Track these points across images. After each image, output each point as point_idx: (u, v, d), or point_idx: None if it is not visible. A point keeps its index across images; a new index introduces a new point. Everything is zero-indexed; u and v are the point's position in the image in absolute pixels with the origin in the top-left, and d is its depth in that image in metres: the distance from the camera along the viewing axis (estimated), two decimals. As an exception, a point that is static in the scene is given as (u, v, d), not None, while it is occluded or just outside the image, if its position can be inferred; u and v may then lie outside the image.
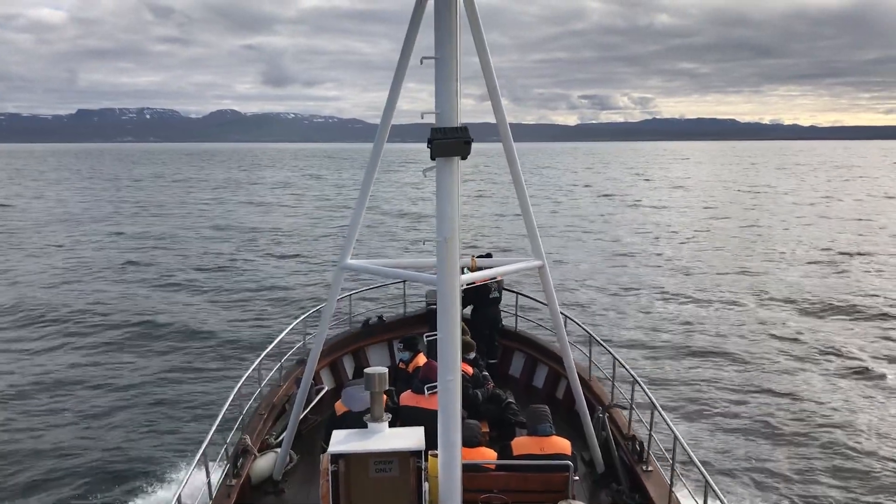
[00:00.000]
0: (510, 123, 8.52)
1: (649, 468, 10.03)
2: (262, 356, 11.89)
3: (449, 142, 7.03)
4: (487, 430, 11.00)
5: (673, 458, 9.13)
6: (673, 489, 9.20)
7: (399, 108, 8.43)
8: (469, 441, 8.71)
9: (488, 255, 11.96)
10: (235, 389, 10.53)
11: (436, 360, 7.78)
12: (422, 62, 7.17)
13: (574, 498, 8.74)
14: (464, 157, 7.18)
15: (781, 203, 76.49)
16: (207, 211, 70.33)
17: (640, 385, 10.59)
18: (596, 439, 10.69)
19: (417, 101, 7.28)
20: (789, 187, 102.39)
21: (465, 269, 8.90)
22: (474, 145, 7.21)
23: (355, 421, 8.61)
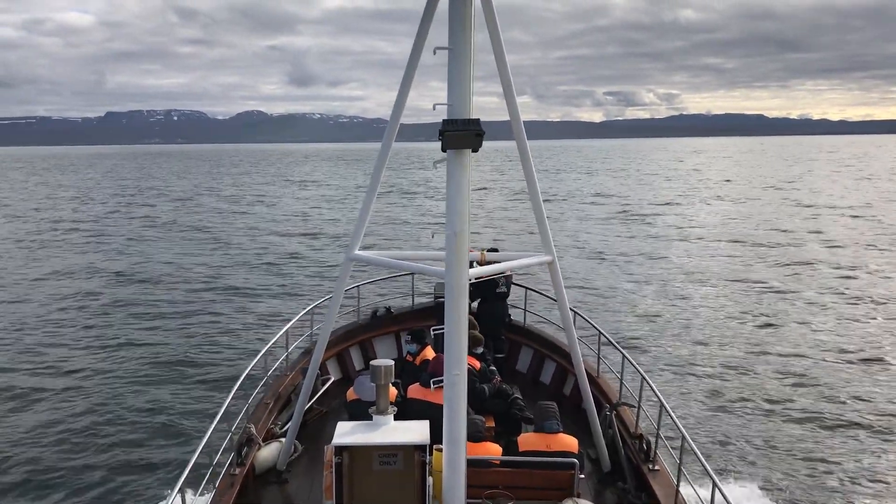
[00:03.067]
0: (534, 121, 8.42)
1: (656, 467, 9.91)
2: (269, 345, 11.95)
3: (460, 134, 6.93)
4: (493, 424, 10.96)
5: (680, 458, 9.01)
6: (679, 489, 9.08)
7: (422, 107, 8.34)
8: (473, 436, 8.67)
9: (494, 250, 11.91)
10: (241, 378, 10.52)
11: (443, 354, 7.74)
12: (435, 52, 7.12)
13: (579, 496, 8.67)
14: (475, 150, 7.11)
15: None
16: (224, 205, 70.91)
17: (648, 383, 10.48)
18: (602, 437, 10.59)
19: (441, 100, 7.21)
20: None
21: (475, 263, 8.85)
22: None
23: (365, 409, 8.61)
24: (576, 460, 8.73)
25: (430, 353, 12.19)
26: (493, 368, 12.27)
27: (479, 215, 57.21)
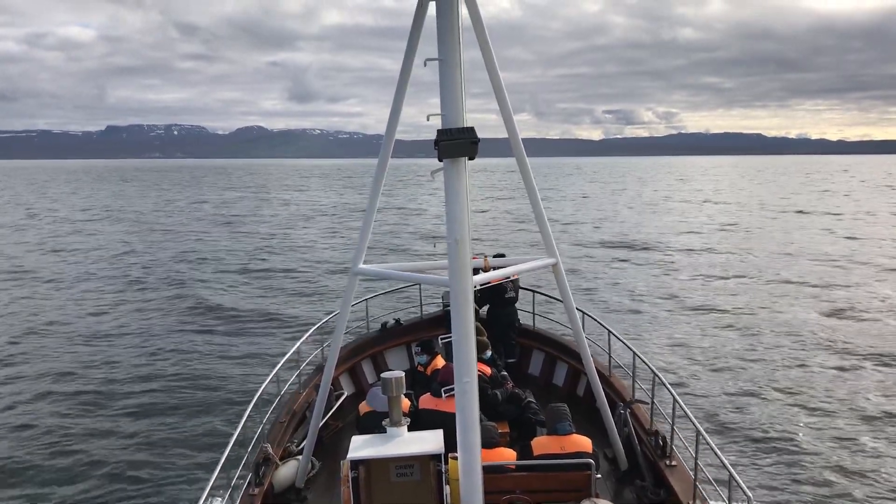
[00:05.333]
0: (534, 138, 8.42)
1: (673, 463, 9.93)
2: (281, 364, 11.91)
3: (456, 142, 6.96)
4: (508, 430, 10.97)
5: (696, 453, 9.03)
6: (697, 483, 9.10)
7: (421, 123, 8.38)
8: (487, 443, 8.67)
9: (501, 255, 11.95)
10: (255, 398, 10.53)
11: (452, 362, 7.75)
12: (425, 64, 7.16)
13: (597, 496, 8.67)
14: (471, 158, 7.14)
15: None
16: (224, 220, 70.88)
17: (660, 380, 10.50)
18: (618, 436, 10.62)
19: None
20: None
21: (479, 270, 8.87)
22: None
23: (379, 420, 8.64)
24: (591, 460, 8.74)
25: (440, 362, 12.22)
26: (505, 373, 12.29)
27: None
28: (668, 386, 10.28)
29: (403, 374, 8.64)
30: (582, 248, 46.01)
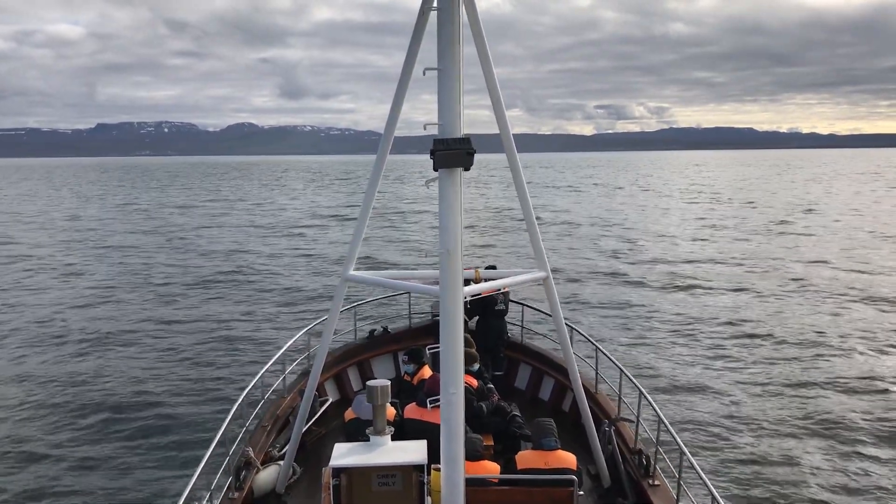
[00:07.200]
0: (526, 133, 8.44)
1: (656, 482, 9.93)
2: (266, 368, 11.83)
3: (451, 153, 6.96)
4: (492, 443, 10.94)
5: (679, 473, 9.03)
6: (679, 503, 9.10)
7: (414, 118, 8.36)
8: (471, 455, 8.65)
9: (492, 267, 11.96)
10: (238, 401, 10.46)
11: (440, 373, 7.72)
12: (424, 73, 7.14)
13: None
14: (466, 168, 7.13)
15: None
16: (210, 222, 70.62)
17: (646, 398, 10.51)
18: (602, 453, 10.60)
19: (431, 113, 7.27)
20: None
21: (471, 281, 8.85)
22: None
23: (364, 428, 8.59)
24: (574, 477, 8.72)
25: (427, 372, 12.19)
26: (491, 386, 12.29)
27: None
28: (654, 405, 10.29)
29: (389, 382, 8.61)
30: (576, 256, 45.80)
